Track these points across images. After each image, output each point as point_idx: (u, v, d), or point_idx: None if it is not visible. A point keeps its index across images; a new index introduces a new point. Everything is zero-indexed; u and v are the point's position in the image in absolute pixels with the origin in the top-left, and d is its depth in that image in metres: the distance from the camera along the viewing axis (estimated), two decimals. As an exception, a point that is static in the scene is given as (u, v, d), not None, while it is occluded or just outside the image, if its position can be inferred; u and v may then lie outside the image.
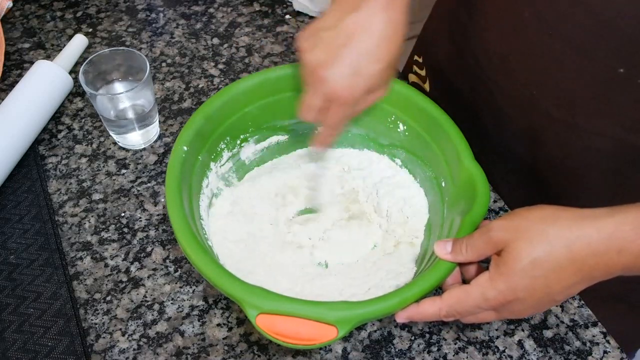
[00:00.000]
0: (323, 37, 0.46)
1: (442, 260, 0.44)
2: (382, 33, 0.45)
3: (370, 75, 0.46)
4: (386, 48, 0.46)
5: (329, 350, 0.52)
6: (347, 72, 0.45)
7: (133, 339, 0.52)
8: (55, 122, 0.69)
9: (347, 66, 0.45)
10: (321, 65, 0.46)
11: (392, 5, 0.46)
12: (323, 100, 0.47)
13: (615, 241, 0.36)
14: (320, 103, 0.47)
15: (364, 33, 0.45)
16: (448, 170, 0.53)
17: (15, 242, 0.57)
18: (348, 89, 0.46)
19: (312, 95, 0.48)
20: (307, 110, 0.49)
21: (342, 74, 0.45)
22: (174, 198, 0.47)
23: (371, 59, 0.46)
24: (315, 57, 0.46)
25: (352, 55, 0.45)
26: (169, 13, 0.83)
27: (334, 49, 0.45)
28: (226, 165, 0.58)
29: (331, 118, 0.49)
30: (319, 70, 0.46)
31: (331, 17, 0.46)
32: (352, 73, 0.45)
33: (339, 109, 0.47)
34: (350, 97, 0.46)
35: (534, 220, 0.39)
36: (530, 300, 0.40)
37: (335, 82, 0.45)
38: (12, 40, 0.78)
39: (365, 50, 0.45)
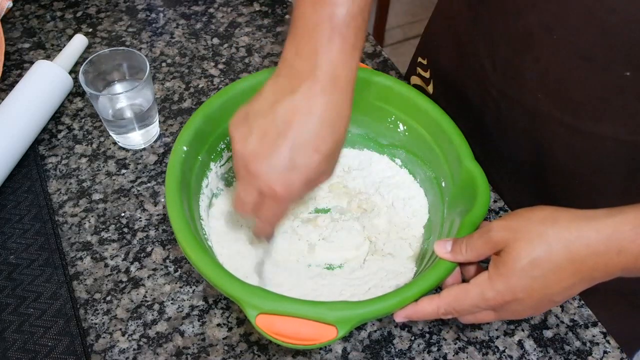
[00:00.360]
0: (256, 125, 0.42)
1: (442, 260, 0.44)
2: (322, 119, 0.41)
3: (308, 168, 0.42)
4: (327, 136, 0.41)
5: (329, 350, 0.52)
6: (282, 166, 0.41)
7: (133, 339, 0.52)
8: (55, 122, 0.69)
9: (282, 160, 0.41)
10: (254, 157, 0.41)
11: (334, 86, 0.41)
12: (257, 195, 0.43)
13: (614, 242, 0.36)
14: (254, 198, 0.44)
15: (301, 120, 0.41)
16: (448, 170, 0.53)
17: (15, 242, 0.57)
18: (284, 185, 0.41)
19: (245, 189, 0.44)
20: (241, 205, 0.45)
21: (276, 168, 0.41)
22: (174, 198, 0.47)
23: (309, 150, 0.41)
24: (247, 148, 0.42)
25: (287, 146, 0.41)
26: (169, 13, 0.83)
27: (268, 139, 0.41)
28: (226, 165, 0.58)
29: (266, 213, 0.45)
30: (252, 164, 0.42)
31: (265, 100, 0.42)
32: (288, 167, 0.41)
33: (274, 205, 0.43)
34: (286, 194, 0.42)
35: (534, 221, 0.39)
36: (529, 301, 0.40)
37: (269, 178, 0.41)
38: (12, 40, 0.78)
39: (303, 141, 0.41)
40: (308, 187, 0.43)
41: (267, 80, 0.43)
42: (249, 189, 0.43)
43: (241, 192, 0.44)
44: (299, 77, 0.41)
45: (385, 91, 0.57)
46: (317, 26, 0.41)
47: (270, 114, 0.41)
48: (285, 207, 0.44)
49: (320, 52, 0.41)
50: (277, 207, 0.44)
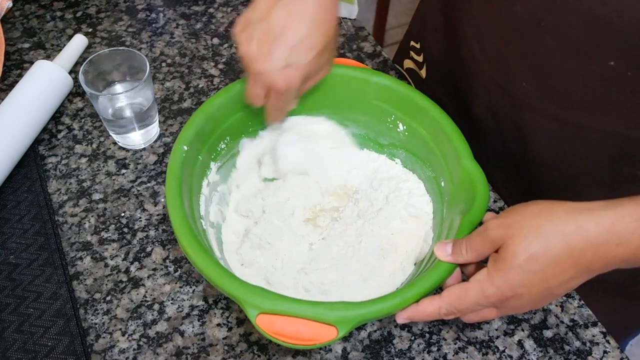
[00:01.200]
0: (256, 29, 0.47)
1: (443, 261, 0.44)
2: (314, 20, 0.46)
3: (304, 64, 0.47)
4: (319, 34, 0.47)
5: (329, 350, 0.52)
6: (280, 65, 0.46)
7: (133, 339, 0.52)
8: (55, 122, 0.69)
9: (280, 59, 0.46)
10: (255, 59, 0.47)
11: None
12: (263, 89, 0.49)
13: (614, 233, 0.36)
14: (261, 91, 0.49)
15: (294, 22, 0.46)
16: (448, 170, 0.53)
17: (15, 242, 0.57)
18: (283, 81, 0.47)
19: (253, 84, 0.49)
20: (252, 97, 0.50)
21: (275, 67, 0.46)
22: (174, 198, 0.47)
23: (303, 48, 0.47)
24: (249, 51, 0.47)
25: (284, 47, 0.46)
26: (169, 13, 0.83)
27: (267, 42, 0.46)
28: (226, 165, 0.58)
29: (274, 104, 0.51)
30: (254, 64, 0.47)
31: (262, 6, 0.47)
32: (286, 65, 0.46)
33: (277, 97, 0.49)
34: (287, 88, 0.48)
35: (530, 215, 0.39)
36: (529, 295, 0.40)
37: (270, 76, 0.47)
38: (12, 40, 0.78)
39: (298, 40, 0.46)
40: (307, 82, 0.50)
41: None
42: (256, 84, 0.49)
43: (250, 88, 0.50)
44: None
45: (385, 91, 0.57)
46: None
47: (266, 20, 0.46)
48: (288, 98, 0.50)
49: None
50: (280, 99, 0.50)
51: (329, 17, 0.48)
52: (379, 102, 0.57)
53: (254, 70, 0.47)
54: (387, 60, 0.77)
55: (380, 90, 0.57)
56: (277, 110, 0.52)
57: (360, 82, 0.57)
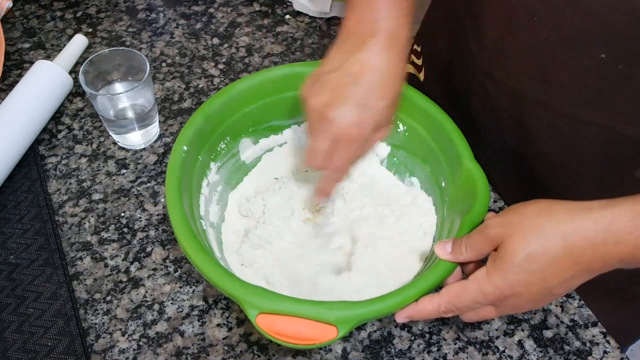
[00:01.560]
0: (328, 80, 0.47)
1: (443, 261, 0.44)
2: (386, 71, 0.47)
3: (378, 110, 0.47)
4: (390, 85, 0.48)
5: (329, 350, 0.52)
6: (356, 109, 0.46)
7: (133, 339, 0.52)
8: (55, 122, 0.69)
9: (355, 103, 0.46)
10: (329, 106, 0.46)
11: (393, 46, 0.48)
12: (330, 143, 0.47)
13: (612, 233, 0.36)
14: (328, 146, 0.48)
15: (368, 72, 0.47)
16: (448, 170, 0.53)
17: (15, 242, 0.57)
18: (357, 125, 0.46)
19: (319, 139, 0.48)
20: (314, 156, 0.49)
21: (350, 111, 0.46)
22: (174, 198, 0.47)
23: (377, 95, 0.47)
24: (321, 100, 0.47)
25: (359, 92, 0.46)
26: (169, 13, 0.83)
27: (340, 89, 0.46)
28: (226, 165, 0.58)
29: (338, 160, 0.49)
30: (327, 112, 0.46)
31: (334, 61, 0.48)
32: (361, 109, 0.46)
33: (347, 148, 0.48)
34: (360, 134, 0.47)
35: (529, 215, 0.39)
36: (528, 295, 0.40)
37: (345, 120, 0.46)
38: (12, 40, 0.78)
39: (371, 87, 0.47)
40: (375, 131, 0.49)
41: (331, 49, 0.49)
42: (323, 138, 0.47)
43: (315, 143, 0.48)
44: (362, 38, 0.48)
45: (385, 91, 0.57)
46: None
47: (339, 70, 0.47)
48: (355, 151, 0.49)
49: (380, 18, 0.48)
50: (349, 150, 0.48)
51: (399, 73, 0.48)
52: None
53: (326, 119, 0.46)
54: (387, 61, 0.77)
55: (381, 90, 0.57)
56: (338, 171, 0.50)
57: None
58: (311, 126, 0.49)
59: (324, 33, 0.82)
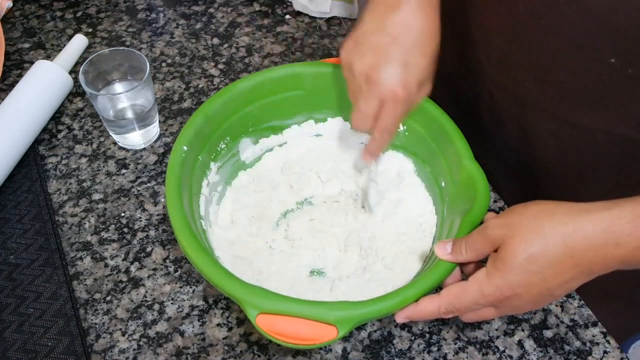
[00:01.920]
0: (368, 42, 0.48)
1: (442, 261, 0.44)
2: (423, 29, 0.48)
3: (420, 68, 0.48)
4: (429, 42, 0.48)
5: (329, 350, 0.52)
6: (400, 69, 0.47)
7: (133, 339, 0.52)
8: (55, 122, 0.69)
9: (398, 63, 0.47)
10: (373, 68, 0.47)
11: (428, 4, 0.48)
12: (377, 104, 0.48)
13: (612, 234, 0.36)
14: (375, 108, 0.49)
15: (407, 31, 0.47)
16: (448, 170, 0.53)
17: (15, 242, 0.57)
18: (402, 84, 0.47)
19: (366, 101, 0.49)
20: (362, 118, 0.50)
21: (395, 71, 0.47)
22: (174, 198, 0.47)
23: (418, 52, 0.48)
24: (365, 63, 0.48)
25: (400, 52, 0.47)
26: (169, 13, 0.83)
27: (383, 50, 0.47)
28: (226, 165, 0.58)
29: (385, 120, 0.49)
30: (373, 74, 0.47)
31: (371, 22, 0.49)
32: (404, 68, 0.47)
33: (394, 108, 0.48)
34: (406, 93, 0.48)
35: (529, 216, 0.39)
36: (528, 296, 0.40)
37: (391, 80, 0.47)
38: (12, 40, 0.78)
39: (412, 46, 0.47)
40: (419, 89, 0.49)
41: (365, 13, 0.49)
42: (370, 99, 0.48)
43: (362, 106, 0.49)
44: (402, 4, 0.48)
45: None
46: None
47: (378, 31, 0.48)
48: (402, 110, 0.49)
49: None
50: (396, 110, 0.49)
51: (436, 29, 0.49)
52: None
53: (372, 81, 0.47)
54: (387, 60, 0.77)
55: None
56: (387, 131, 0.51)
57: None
58: (357, 89, 0.49)
59: (324, 33, 0.81)
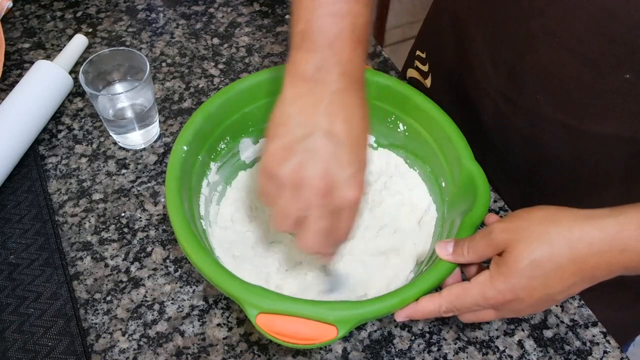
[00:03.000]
0: (304, 152, 0.40)
1: (442, 261, 0.44)
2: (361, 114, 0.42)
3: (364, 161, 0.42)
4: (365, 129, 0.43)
5: (329, 350, 0.52)
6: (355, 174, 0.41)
7: (133, 339, 0.52)
8: (55, 122, 0.69)
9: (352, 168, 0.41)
10: (323, 177, 0.40)
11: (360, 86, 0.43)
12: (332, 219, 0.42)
13: (618, 241, 0.37)
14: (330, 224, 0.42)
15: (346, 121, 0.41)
16: (448, 170, 0.53)
17: (15, 242, 0.57)
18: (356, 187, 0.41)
19: (318, 219, 0.41)
20: (316, 238, 0.42)
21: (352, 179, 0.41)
22: (174, 198, 0.47)
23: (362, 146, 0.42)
24: (312, 173, 0.40)
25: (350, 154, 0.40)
26: (169, 13, 0.83)
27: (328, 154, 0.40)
28: (226, 165, 0.58)
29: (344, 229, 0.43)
30: (321, 182, 0.40)
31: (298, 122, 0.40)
32: (358, 172, 0.41)
33: (350, 212, 0.42)
34: (361, 193, 0.42)
35: (534, 222, 0.39)
36: (529, 300, 0.40)
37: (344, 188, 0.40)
38: (12, 40, 0.78)
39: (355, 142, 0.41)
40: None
41: (285, 98, 0.42)
42: (322, 216, 0.41)
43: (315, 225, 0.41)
44: (328, 87, 0.41)
45: (385, 91, 0.57)
46: (338, 38, 0.41)
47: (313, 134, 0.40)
48: (358, 209, 0.43)
49: (345, 61, 0.41)
50: (353, 213, 0.42)
51: (366, 112, 0.43)
52: (379, 102, 0.57)
53: (321, 191, 0.40)
54: (387, 60, 0.77)
55: (381, 90, 0.57)
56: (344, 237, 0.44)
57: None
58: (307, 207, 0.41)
59: (324, 33, 0.81)
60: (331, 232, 0.42)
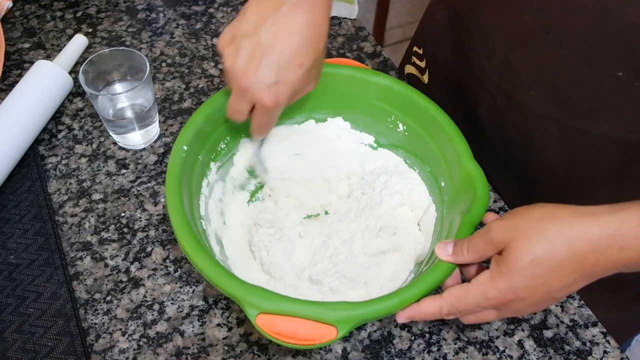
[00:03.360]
0: (243, 44, 0.45)
1: (442, 261, 0.44)
2: (304, 38, 0.45)
3: (292, 81, 0.46)
4: (308, 52, 0.46)
5: (329, 350, 0.52)
6: (269, 82, 0.45)
7: (133, 339, 0.52)
8: (55, 122, 0.69)
9: (268, 76, 0.45)
10: (243, 74, 0.45)
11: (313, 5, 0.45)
12: (248, 104, 0.48)
13: (618, 238, 0.36)
14: (246, 107, 0.48)
15: (284, 39, 0.45)
16: (447, 170, 0.53)
17: (15, 242, 0.57)
18: (271, 98, 0.46)
19: (236, 100, 0.48)
20: (235, 113, 0.49)
21: (263, 84, 0.45)
22: (174, 198, 0.47)
23: (292, 65, 0.46)
24: (237, 66, 0.46)
25: (272, 64, 0.45)
26: (169, 13, 0.83)
27: (255, 59, 0.45)
28: (226, 165, 0.58)
29: (259, 120, 0.49)
30: (241, 80, 0.46)
31: (250, 21, 0.46)
32: (274, 82, 0.45)
33: (263, 114, 0.48)
34: (274, 105, 0.47)
35: (533, 219, 0.39)
36: (531, 299, 0.40)
37: (258, 92, 0.46)
38: (12, 40, 0.78)
39: (287, 57, 0.45)
40: (294, 97, 0.48)
41: (248, 2, 0.47)
42: (241, 101, 0.48)
43: (233, 102, 0.48)
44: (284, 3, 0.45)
45: (385, 91, 0.57)
46: None
47: (255, 35, 0.45)
48: (274, 115, 0.49)
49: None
50: (267, 116, 0.48)
51: (320, 33, 0.47)
52: (379, 102, 0.58)
53: (240, 86, 0.46)
54: (387, 60, 0.77)
55: (381, 90, 0.57)
56: (263, 127, 0.51)
57: (360, 82, 0.57)
58: (228, 82, 0.48)
59: (324, 33, 0.81)
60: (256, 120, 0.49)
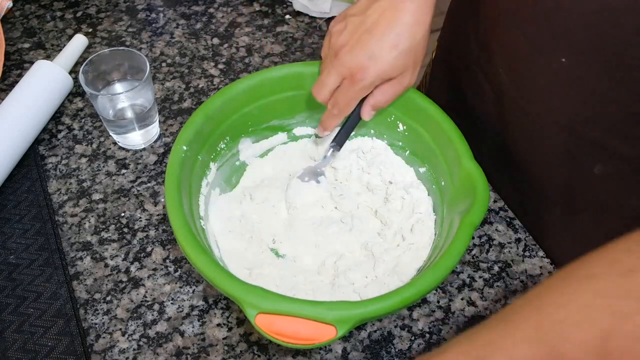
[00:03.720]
0: (350, 22, 0.51)
1: (442, 260, 0.44)
2: (404, 23, 0.49)
3: (384, 60, 0.50)
4: (406, 36, 0.49)
5: (328, 350, 0.52)
6: (363, 55, 0.49)
7: (133, 339, 0.52)
8: (55, 122, 0.69)
9: (365, 50, 0.49)
10: (343, 47, 0.51)
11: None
12: (337, 79, 0.51)
13: None
14: (334, 82, 0.52)
15: (386, 20, 0.49)
16: (447, 170, 0.53)
17: (15, 242, 0.57)
18: (361, 69, 0.50)
19: (328, 73, 0.52)
20: (321, 88, 0.53)
21: (358, 56, 0.50)
22: (174, 198, 0.47)
23: (387, 45, 0.49)
24: (340, 40, 0.51)
25: (371, 40, 0.49)
26: (169, 13, 0.83)
27: (357, 34, 0.50)
28: (226, 165, 0.58)
29: (338, 95, 0.52)
30: (340, 52, 0.51)
31: (362, 3, 0.51)
32: (368, 57, 0.49)
33: (348, 88, 0.51)
34: (362, 78, 0.50)
35: None
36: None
37: (351, 62, 0.50)
38: (12, 40, 0.78)
39: (384, 38, 0.49)
40: (381, 77, 0.51)
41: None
42: (332, 73, 0.52)
43: (324, 76, 0.52)
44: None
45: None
46: None
47: (362, 15, 0.51)
48: (357, 92, 0.52)
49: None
50: (350, 90, 0.52)
51: (421, 23, 0.50)
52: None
53: (338, 57, 0.51)
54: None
55: (380, 90, 0.57)
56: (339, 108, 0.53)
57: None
58: (325, 60, 0.53)
59: (324, 33, 0.81)
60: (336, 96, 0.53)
